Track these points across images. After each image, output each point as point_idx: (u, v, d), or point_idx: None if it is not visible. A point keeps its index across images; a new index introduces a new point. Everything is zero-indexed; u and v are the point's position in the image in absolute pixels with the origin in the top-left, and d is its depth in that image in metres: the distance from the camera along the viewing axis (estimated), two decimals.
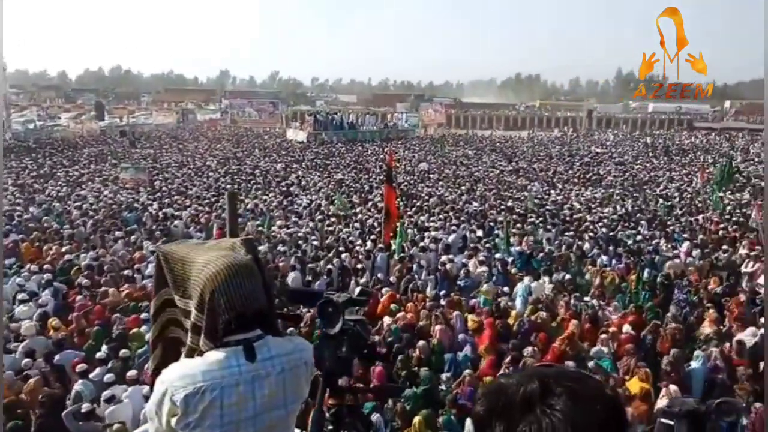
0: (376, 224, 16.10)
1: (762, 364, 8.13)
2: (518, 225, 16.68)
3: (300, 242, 14.34)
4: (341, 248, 13.62)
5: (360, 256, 13.19)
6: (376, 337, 8.80)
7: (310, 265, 12.27)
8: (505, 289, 11.46)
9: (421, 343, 8.61)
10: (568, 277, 11.94)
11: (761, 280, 11.80)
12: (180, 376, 1.55)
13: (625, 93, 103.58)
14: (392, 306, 10.11)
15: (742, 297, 10.48)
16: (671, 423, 0.98)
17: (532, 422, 0.86)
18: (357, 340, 1.44)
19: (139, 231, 15.38)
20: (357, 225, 16.69)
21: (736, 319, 9.47)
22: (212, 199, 20.00)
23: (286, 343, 1.68)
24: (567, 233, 15.87)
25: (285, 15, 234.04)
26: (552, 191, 24.48)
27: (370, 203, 20.17)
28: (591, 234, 15.84)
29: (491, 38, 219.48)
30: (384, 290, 10.91)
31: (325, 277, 11.58)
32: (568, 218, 18.28)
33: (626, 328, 9.18)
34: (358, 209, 19.12)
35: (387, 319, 9.65)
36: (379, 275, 12.10)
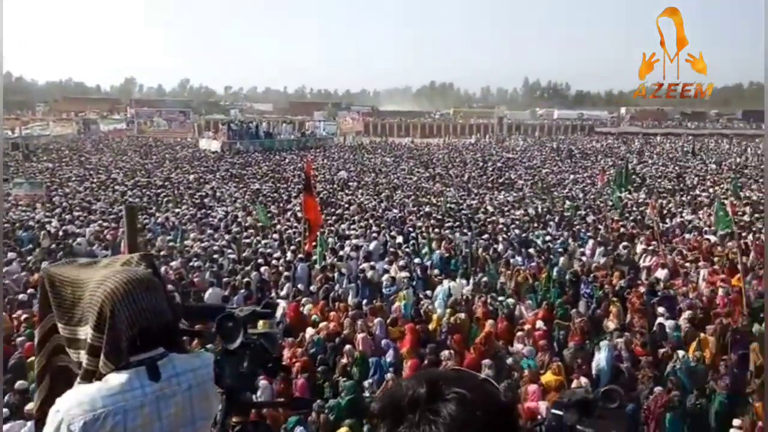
0: (295, 235, 15.89)
1: (661, 351, 8.81)
2: (436, 230, 17.06)
3: (216, 256, 13.83)
4: (260, 260, 13.28)
5: (280, 268, 12.91)
6: (299, 350, 8.65)
7: (227, 280, 11.83)
8: (427, 292, 11.67)
9: (347, 347, 8.60)
10: (485, 278, 12.32)
11: (658, 272, 12.79)
12: (77, 402, 1.43)
13: (532, 100, 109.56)
14: (313, 317, 10.01)
15: (642, 289, 11.28)
16: (560, 413, 1.02)
17: (411, 425, 0.87)
18: (261, 354, 1.38)
19: (36, 251, 14.20)
20: (276, 236, 16.36)
21: (636, 310, 10.16)
22: (119, 214, 18.84)
23: (193, 358, 1.62)
24: (483, 236, 16.41)
25: (195, 20, 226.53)
26: (467, 196, 25.30)
27: (289, 213, 19.88)
28: (504, 236, 16.48)
29: (406, 46, 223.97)
30: (304, 300, 10.77)
31: (244, 290, 11.23)
32: (483, 221, 18.93)
33: (539, 324, 9.60)
34: (276, 220, 18.78)
35: (309, 330, 9.52)
36: (299, 286, 11.90)
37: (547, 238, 16.51)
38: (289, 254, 14.00)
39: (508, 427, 0.91)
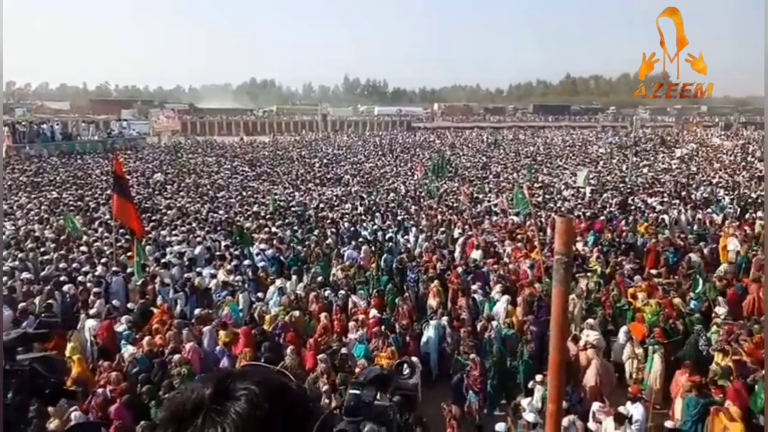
0: (106, 246, 14.34)
1: (479, 325, 9.67)
2: (266, 229, 16.72)
3: (6, 278, 11.80)
4: (63, 278, 11.68)
5: (89, 285, 11.46)
6: (114, 374, 7.79)
7: (23, 305, 10.12)
8: (259, 294, 11.34)
9: (176, 357, 8.00)
10: (317, 274, 12.36)
11: (473, 253, 14.01)
12: None
13: (353, 98, 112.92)
14: (125, 332, 9.13)
15: (459, 269, 12.27)
16: (358, 392, 1.03)
17: (195, 427, 0.84)
18: (33, 381, 1.16)
19: None
20: (84, 249, 14.52)
21: (455, 289, 11.04)
22: None
23: None
24: (313, 232, 16.48)
25: None
26: (296, 193, 25.23)
27: (97, 222, 17.86)
28: (333, 230, 16.74)
29: (224, 42, 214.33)
30: (124, 318, 9.73)
31: (45, 313, 9.74)
32: (313, 217, 19.03)
33: (373, 312, 9.92)
34: (80, 232, 16.69)
35: (130, 348, 8.65)
36: (114, 302, 10.72)
37: (375, 228, 17.15)
38: (99, 268, 12.55)
39: (298, 417, 0.92)
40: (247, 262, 13.15)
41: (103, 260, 13.02)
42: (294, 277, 12.06)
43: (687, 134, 60.42)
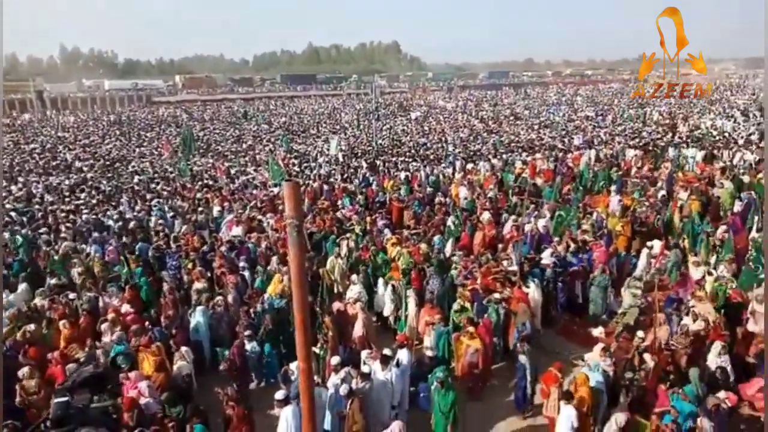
0: None
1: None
2: None
3: None
4: None
5: None
6: None
7: None
8: None
9: None
10: (53, 279, 10.65)
11: (234, 230, 13.62)
12: None
13: (75, 71, 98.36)
14: None
15: (223, 248, 11.83)
16: (66, 399, 0.89)
17: None
18: None
19: None
20: None
21: (220, 266, 10.69)
22: None
23: None
24: (42, 230, 14.10)
25: None
26: (13, 186, 21.17)
27: None
28: (68, 225, 14.58)
29: None
30: None
31: None
32: (41, 213, 16.25)
33: (125, 308, 9.02)
34: None
35: None
36: None
37: (127, 216, 15.46)
38: None
39: None
40: None
41: None
42: (23, 286, 10.18)
43: (418, 98, 68.00)
